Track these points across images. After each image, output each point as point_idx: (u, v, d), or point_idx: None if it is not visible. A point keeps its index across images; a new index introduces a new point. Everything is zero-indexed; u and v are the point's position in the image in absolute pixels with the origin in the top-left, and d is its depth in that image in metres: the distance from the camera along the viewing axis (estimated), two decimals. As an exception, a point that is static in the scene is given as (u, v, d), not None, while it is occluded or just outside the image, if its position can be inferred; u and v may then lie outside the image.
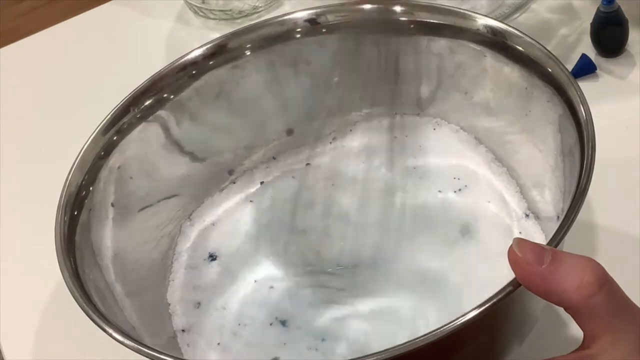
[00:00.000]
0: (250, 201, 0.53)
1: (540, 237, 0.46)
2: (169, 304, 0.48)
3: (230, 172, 0.53)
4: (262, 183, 0.53)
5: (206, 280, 0.49)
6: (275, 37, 0.52)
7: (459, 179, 0.51)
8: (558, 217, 0.44)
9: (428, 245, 0.48)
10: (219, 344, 0.46)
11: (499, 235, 0.47)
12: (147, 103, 0.50)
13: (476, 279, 0.45)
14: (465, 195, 0.50)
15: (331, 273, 0.49)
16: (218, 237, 0.51)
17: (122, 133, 0.49)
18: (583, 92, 0.42)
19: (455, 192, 0.50)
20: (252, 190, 0.53)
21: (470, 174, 0.51)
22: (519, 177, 0.49)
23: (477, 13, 0.48)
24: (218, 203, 0.52)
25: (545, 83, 0.45)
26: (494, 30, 0.48)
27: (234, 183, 0.53)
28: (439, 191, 0.51)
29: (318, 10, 0.52)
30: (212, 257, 0.50)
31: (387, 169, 0.53)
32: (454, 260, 0.47)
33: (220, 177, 0.53)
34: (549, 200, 0.46)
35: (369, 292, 0.47)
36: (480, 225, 0.48)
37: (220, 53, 0.52)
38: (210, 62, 0.51)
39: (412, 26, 0.50)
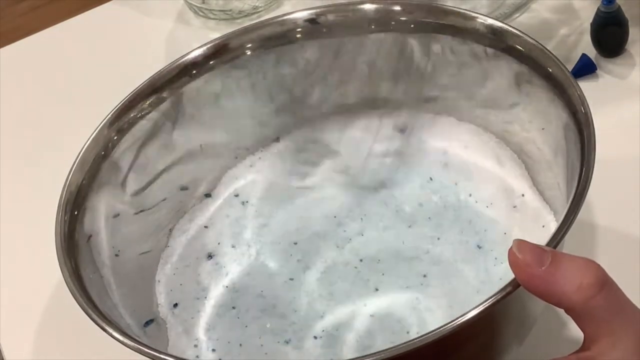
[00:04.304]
0: (251, 201, 0.53)
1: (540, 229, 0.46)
2: (166, 303, 0.48)
3: (230, 172, 0.53)
4: (261, 183, 0.53)
5: (204, 279, 0.49)
6: (275, 37, 0.52)
7: (457, 177, 0.51)
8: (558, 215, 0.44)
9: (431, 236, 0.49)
10: (217, 342, 0.46)
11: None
12: (147, 103, 0.50)
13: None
14: (465, 193, 0.50)
15: (334, 271, 0.49)
16: (216, 236, 0.51)
17: (123, 132, 0.49)
18: (583, 92, 0.42)
19: (453, 188, 0.50)
20: (252, 190, 0.53)
21: (470, 173, 0.51)
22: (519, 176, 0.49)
23: (477, 13, 0.48)
24: (217, 202, 0.52)
25: (545, 83, 0.45)
26: (494, 30, 0.48)
27: (233, 183, 0.53)
28: (439, 188, 0.51)
29: (318, 10, 0.52)
30: (210, 256, 0.50)
31: (389, 165, 0.53)
32: (452, 247, 0.48)
33: (219, 176, 0.53)
34: (549, 199, 0.46)
35: (372, 288, 0.47)
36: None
37: (220, 53, 0.52)
38: (210, 62, 0.51)
39: (412, 26, 0.50)
